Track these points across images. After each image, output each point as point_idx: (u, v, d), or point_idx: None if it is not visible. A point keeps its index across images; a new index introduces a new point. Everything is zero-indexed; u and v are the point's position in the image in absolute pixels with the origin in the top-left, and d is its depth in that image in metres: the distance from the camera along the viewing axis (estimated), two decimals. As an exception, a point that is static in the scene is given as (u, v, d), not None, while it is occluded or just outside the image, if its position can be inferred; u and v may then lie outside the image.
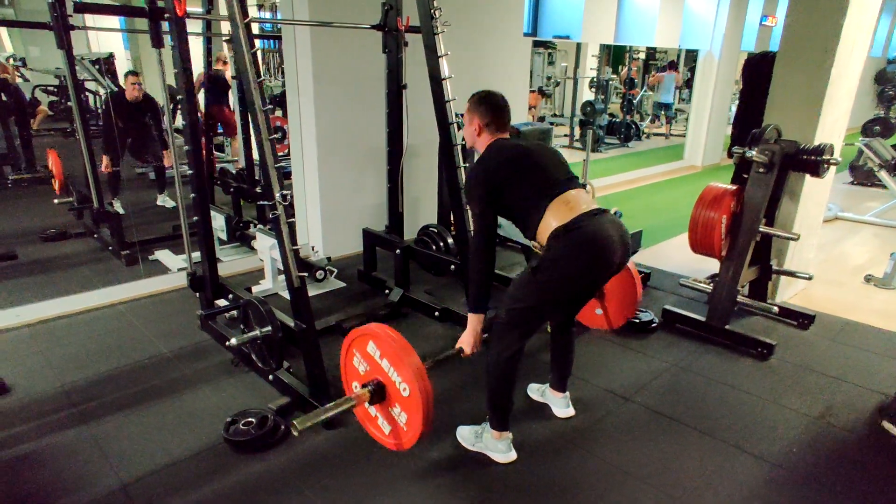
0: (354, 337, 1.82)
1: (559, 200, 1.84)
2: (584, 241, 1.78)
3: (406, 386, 1.68)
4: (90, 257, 4.01)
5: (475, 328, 1.99)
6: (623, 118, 9.93)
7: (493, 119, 1.99)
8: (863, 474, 2.02)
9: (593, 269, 1.83)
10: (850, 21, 2.87)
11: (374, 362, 1.77)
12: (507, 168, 1.89)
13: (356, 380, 1.86)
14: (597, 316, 2.63)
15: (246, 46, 2.08)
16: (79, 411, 2.28)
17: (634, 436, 2.22)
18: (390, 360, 1.72)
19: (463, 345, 2.01)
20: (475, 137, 2.03)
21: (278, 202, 2.17)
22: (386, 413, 1.80)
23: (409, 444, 1.75)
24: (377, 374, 1.77)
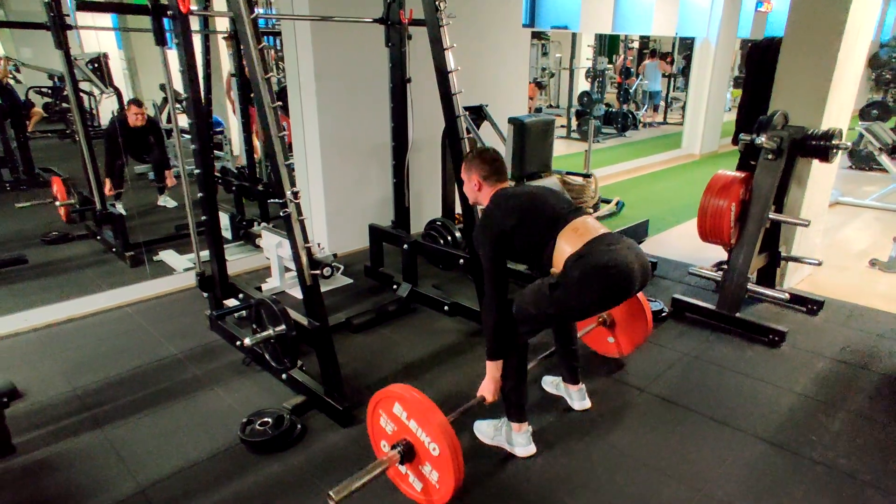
0: (380, 399, 1.84)
1: (568, 229, 1.86)
2: (603, 268, 1.77)
3: (435, 445, 1.70)
4: (94, 259, 3.97)
5: (494, 376, 2.00)
6: (619, 108, 9.92)
7: (491, 171, 2.03)
8: (883, 461, 2.03)
9: (612, 295, 1.85)
10: (857, 5, 2.85)
11: (400, 423, 1.79)
12: (514, 214, 1.91)
13: (385, 439, 1.88)
14: (609, 344, 2.67)
15: (253, 43, 2.05)
16: (92, 415, 2.26)
17: (652, 427, 2.21)
18: (417, 420, 1.74)
19: (485, 393, 2.02)
20: (476, 193, 2.07)
21: (290, 200, 2.15)
22: (417, 471, 1.81)
23: (442, 502, 1.75)
24: (405, 434, 1.79)
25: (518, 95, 5.04)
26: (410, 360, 2.71)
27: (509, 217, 1.91)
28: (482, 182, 2.04)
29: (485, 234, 1.93)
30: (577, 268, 1.78)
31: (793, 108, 3.02)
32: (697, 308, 3.07)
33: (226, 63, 5.54)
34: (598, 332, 2.66)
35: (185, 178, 2.57)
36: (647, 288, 3.42)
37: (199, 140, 2.43)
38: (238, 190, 4.54)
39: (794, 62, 3.06)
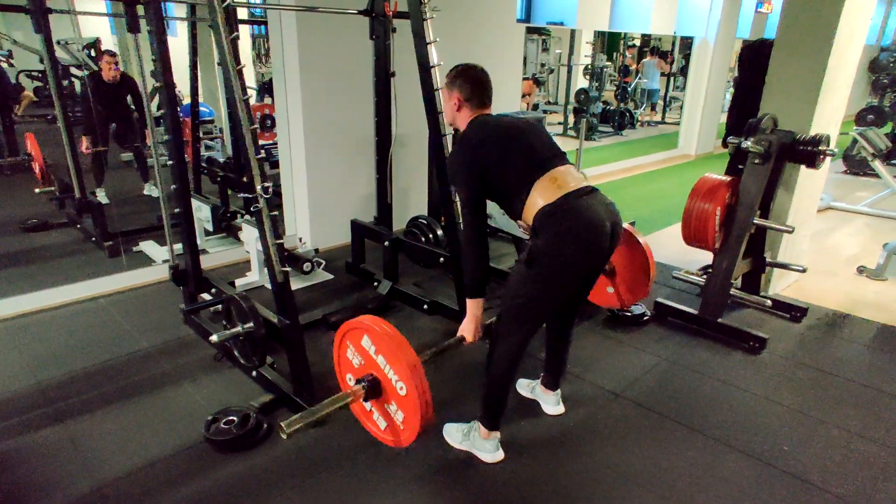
0: (348, 329, 1.75)
1: (547, 178, 1.75)
2: (572, 225, 1.70)
3: (403, 385, 1.62)
4: (72, 248, 3.91)
5: (475, 314, 1.89)
6: (617, 106, 9.85)
7: (474, 93, 1.87)
8: (854, 473, 2.00)
9: (584, 255, 1.75)
10: (849, 7, 2.80)
11: (368, 357, 1.70)
12: (490, 147, 1.78)
13: (350, 372, 1.79)
14: (609, 294, 2.56)
15: (225, 32, 1.99)
16: (54, 410, 2.21)
17: (624, 433, 2.18)
18: (385, 356, 1.65)
19: (464, 333, 1.92)
20: (455, 113, 1.92)
21: (260, 194, 2.10)
22: (382, 409, 1.74)
23: (407, 442, 1.70)
24: (372, 368, 1.70)
25: (510, 91, 4.97)
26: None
27: (485, 151, 1.78)
28: (462, 103, 1.88)
29: (459, 165, 1.81)
30: (546, 230, 1.71)
31: (782, 112, 2.98)
32: (679, 312, 3.04)
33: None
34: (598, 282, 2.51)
35: (157, 170, 2.51)
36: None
37: (172, 131, 2.37)
38: (223, 181, 4.47)
39: (784, 66, 3.01)
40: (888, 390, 2.48)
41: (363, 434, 2.12)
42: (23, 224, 4.14)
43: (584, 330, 2.95)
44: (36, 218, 4.21)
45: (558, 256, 1.72)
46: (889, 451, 2.11)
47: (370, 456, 2.02)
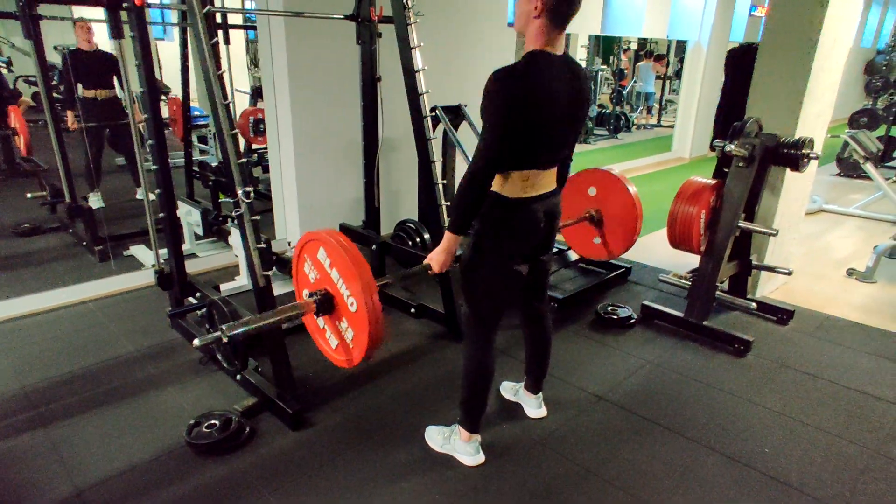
0: (306, 241, 1.70)
1: (526, 174, 1.73)
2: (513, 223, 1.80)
3: (354, 301, 1.57)
4: (63, 253, 3.93)
5: (449, 248, 1.78)
6: (613, 109, 9.88)
7: (563, 7, 1.58)
8: (834, 475, 2.00)
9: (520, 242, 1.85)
10: (832, 13, 2.82)
11: (323, 271, 1.64)
12: (530, 106, 1.59)
13: (306, 287, 1.75)
14: (594, 245, 2.50)
15: (205, 37, 2.01)
16: (38, 414, 2.22)
17: (606, 436, 2.19)
18: (340, 272, 1.59)
19: (431, 262, 1.82)
20: (529, 20, 1.61)
21: (241, 199, 2.11)
22: (334, 326, 1.70)
23: (357, 361, 1.69)
24: (326, 283, 1.65)
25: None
26: (373, 361, 2.67)
27: (531, 95, 1.58)
28: (543, 11, 1.58)
29: (497, 96, 1.57)
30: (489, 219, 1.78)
31: (767, 115, 2.99)
32: (666, 315, 3.05)
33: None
34: (584, 231, 2.43)
35: (143, 174, 2.53)
36: (618, 293, 3.43)
37: (156, 135, 2.39)
38: (214, 185, 4.49)
39: (769, 70, 3.02)
40: (871, 392, 2.49)
41: (344, 438, 2.14)
42: (15, 228, 4.15)
43: (570, 333, 2.95)
44: (28, 222, 4.23)
45: (494, 240, 1.80)
46: (870, 452, 2.11)
47: (350, 459, 2.02)
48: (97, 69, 4.39)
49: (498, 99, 1.58)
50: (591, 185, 3.10)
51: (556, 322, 3.04)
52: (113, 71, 4.43)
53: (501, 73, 1.58)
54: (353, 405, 2.34)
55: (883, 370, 2.67)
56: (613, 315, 3.05)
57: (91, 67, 4.36)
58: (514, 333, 2.75)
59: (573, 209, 3.08)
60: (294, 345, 2.72)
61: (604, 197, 2.97)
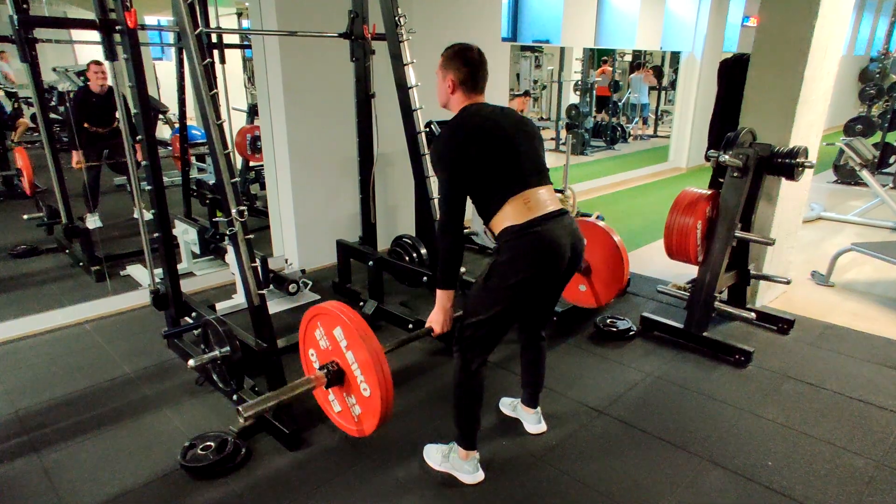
0: (315, 314, 1.72)
1: (521, 197, 1.75)
2: (531, 249, 1.73)
3: (364, 379, 1.60)
4: (60, 274, 3.92)
5: (444, 306, 1.85)
6: (609, 120, 9.92)
7: (469, 76, 1.81)
8: (838, 488, 1.97)
9: (540, 276, 1.78)
10: (822, 23, 2.84)
11: (333, 341, 1.67)
12: (478, 141, 1.73)
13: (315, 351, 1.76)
14: (581, 293, 2.52)
15: (197, 58, 2.02)
16: (30, 438, 2.19)
17: (606, 451, 2.16)
18: (349, 344, 1.62)
19: (433, 324, 1.88)
20: (448, 95, 1.85)
21: (235, 218, 2.11)
22: (344, 398, 1.71)
23: (368, 432, 1.69)
24: (336, 355, 1.67)
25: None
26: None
27: (474, 139, 1.73)
28: (456, 85, 1.82)
29: (445, 152, 1.75)
30: (507, 250, 1.74)
31: (761, 125, 3.00)
32: (665, 326, 3.02)
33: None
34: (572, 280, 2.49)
35: (137, 196, 2.53)
36: (617, 305, 3.41)
37: (150, 157, 2.39)
38: (211, 203, 4.49)
39: (761, 80, 3.04)
40: (875, 402, 2.46)
41: (341, 457, 2.11)
42: (11, 250, 4.15)
43: (569, 346, 2.93)
44: (25, 244, 4.23)
45: (514, 275, 1.75)
46: (875, 464, 2.08)
47: (348, 479, 1.99)
48: (105, 110, 4.48)
49: (445, 153, 1.75)
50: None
51: (556, 335, 3.02)
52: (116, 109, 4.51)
53: (442, 130, 1.81)
54: (350, 424, 2.31)
55: (885, 379, 2.64)
56: (613, 327, 3.03)
57: (99, 109, 4.45)
58: (511, 347, 2.73)
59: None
60: (290, 364, 2.70)
61: (591, 247, 2.95)
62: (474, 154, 1.72)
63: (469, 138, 1.74)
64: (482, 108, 1.83)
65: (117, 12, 2.20)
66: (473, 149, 1.73)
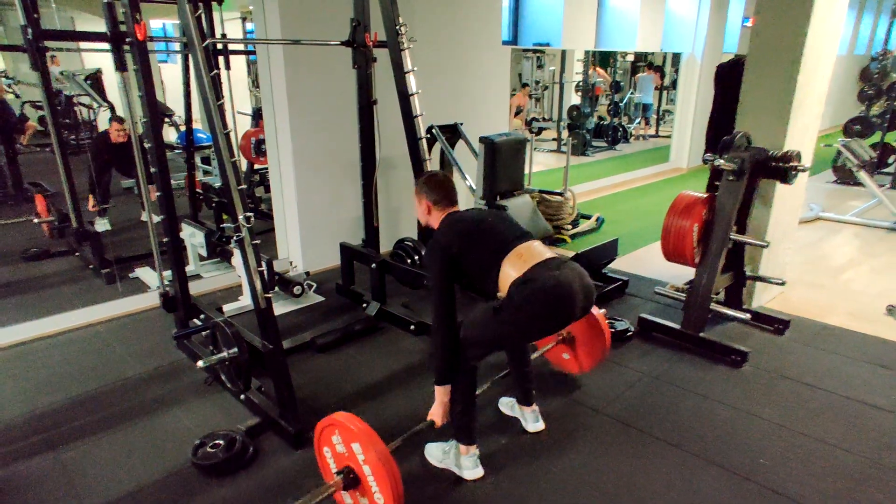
0: (325, 425, 1.85)
1: (513, 254, 1.90)
2: (545, 290, 1.81)
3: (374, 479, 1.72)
4: (71, 276, 4.00)
5: (443, 400, 2.02)
6: (610, 121, 9.96)
7: (440, 196, 2.06)
8: (831, 485, 2.02)
9: (554, 316, 1.88)
10: (815, 29, 2.89)
11: (348, 448, 1.80)
12: (462, 239, 1.95)
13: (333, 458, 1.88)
14: (564, 360, 2.67)
15: (205, 69, 2.09)
16: (48, 437, 2.27)
17: (604, 450, 2.22)
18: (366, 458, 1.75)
19: (434, 417, 2.04)
20: (427, 216, 2.10)
21: (242, 224, 2.18)
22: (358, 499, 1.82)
23: None
24: (350, 461, 1.80)
25: (498, 114, 5.08)
26: (371, 380, 2.72)
27: (457, 241, 1.95)
28: (431, 206, 2.08)
29: (433, 257, 1.97)
30: (521, 292, 1.82)
31: (756, 129, 3.05)
32: (663, 327, 3.08)
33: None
34: (556, 349, 2.65)
35: (146, 198, 2.60)
36: (616, 306, 3.47)
37: (159, 164, 2.46)
38: (218, 206, 4.57)
39: (756, 84, 3.09)
40: (869, 401, 2.51)
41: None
42: (23, 253, 4.23)
43: (569, 347, 2.99)
44: (36, 247, 4.31)
45: (527, 314, 1.84)
46: (867, 461, 2.13)
47: (352, 477, 2.06)
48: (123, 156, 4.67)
49: (433, 256, 1.96)
50: None
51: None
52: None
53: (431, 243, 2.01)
54: (354, 423, 2.37)
55: (879, 378, 2.69)
56: (611, 328, 3.08)
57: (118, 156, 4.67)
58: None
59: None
60: (296, 365, 2.77)
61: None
62: (461, 247, 1.93)
63: (453, 237, 1.96)
64: (456, 214, 2.07)
65: (127, 25, 2.27)
66: (459, 243, 1.93)
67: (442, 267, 1.94)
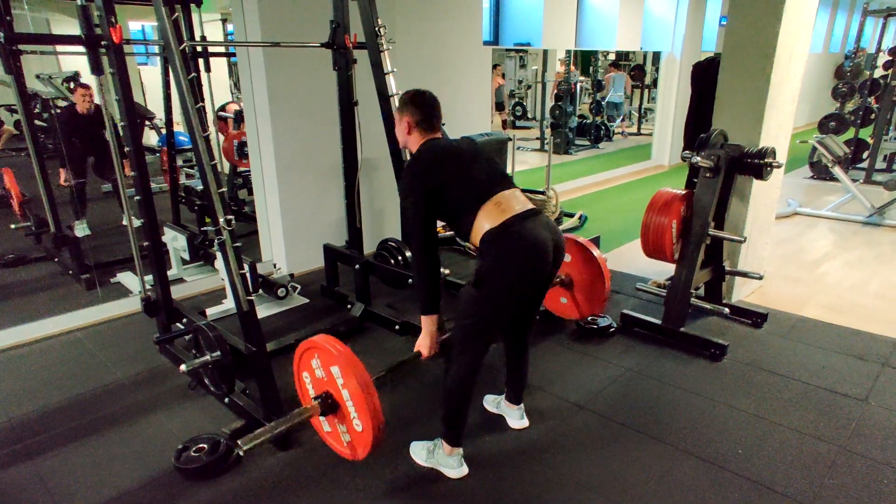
0: (305, 348, 1.81)
1: (491, 202, 1.85)
2: (516, 247, 1.81)
3: (357, 415, 1.69)
4: (50, 282, 3.94)
5: (430, 330, 1.96)
6: (593, 119, 10.06)
7: (424, 117, 1.97)
8: (802, 472, 2.08)
9: (529, 273, 1.86)
10: (787, 29, 2.96)
11: (327, 373, 1.76)
12: (439, 169, 1.89)
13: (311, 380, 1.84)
14: (563, 305, 2.61)
15: (182, 73, 2.08)
16: (24, 447, 2.24)
17: (586, 445, 2.25)
18: (345, 382, 1.71)
19: (420, 348, 1.99)
20: (406, 136, 2.02)
21: (223, 227, 2.17)
22: (338, 425, 1.80)
23: (361, 457, 1.78)
24: (329, 386, 1.76)
25: (480, 113, 5.11)
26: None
27: (435, 169, 1.88)
28: (413, 127, 1.98)
29: (412, 184, 1.89)
30: (491, 252, 1.82)
31: (732, 126, 3.11)
32: (644, 323, 3.13)
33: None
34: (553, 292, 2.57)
35: (125, 202, 2.58)
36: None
37: (138, 167, 2.45)
38: (200, 209, 4.53)
39: (731, 83, 3.15)
40: (840, 391, 2.58)
41: (331, 455, 2.18)
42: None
43: (551, 343, 3.02)
44: (13, 253, 4.24)
45: (503, 277, 1.82)
46: (838, 449, 2.20)
47: (338, 476, 2.07)
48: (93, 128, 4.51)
49: (408, 184, 1.91)
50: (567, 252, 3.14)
51: (538, 333, 3.11)
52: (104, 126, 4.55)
53: (408, 166, 1.95)
54: (339, 424, 2.38)
55: (851, 368, 2.77)
56: (594, 325, 3.13)
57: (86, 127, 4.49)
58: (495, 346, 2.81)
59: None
60: (279, 367, 2.76)
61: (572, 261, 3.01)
62: (438, 178, 1.88)
63: (430, 165, 1.90)
64: (437, 142, 1.99)
65: (102, 28, 2.25)
66: (436, 173, 1.88)
67: (421, 194, 1.86)
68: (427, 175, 1.88)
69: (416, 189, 1.88)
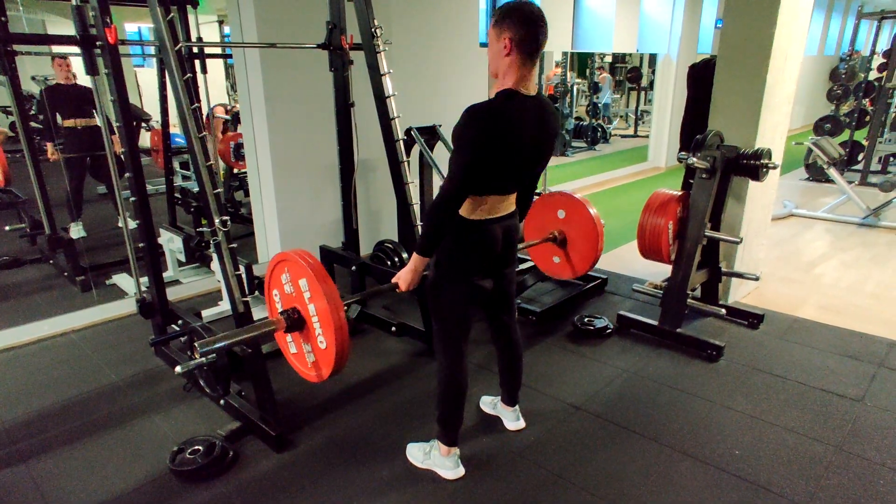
0: (277, 262, 1.76)
1: (493, 199, 1.86)
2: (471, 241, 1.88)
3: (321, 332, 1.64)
4: (45, 284, 3.93)
5: (416, 268, 1.84)
6: (590, 121, 10.08)
7: (528, 34, 1.63)
8: (799, 472, 2.08)
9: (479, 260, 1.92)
10: (781, 31, 2.97)
11: (298, 290, 1.70)
12: (502, 140, 1.67)
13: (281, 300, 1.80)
14: (555, 264, 2.58)
15: (178, 74, 2.07)
16: (17, 450, 2.22)
17: (582, 445, 2.25)
18: (312, 296, 1.65)
19: (399, 280, 1.88)
20: (501, 59, 1.67)
21: (218, 228, 2.17)
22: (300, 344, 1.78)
23: (324, 377, 1.78)
24: (298, 303, 1.71)
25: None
26: (353, 382, 2.72)
27: (496, 140, 1.67)
28: (513, 46, 1.64)
29: (475, 126, 1.64)
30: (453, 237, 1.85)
31: (728, 128, 3.12)
32: (641, 324, 3.13)
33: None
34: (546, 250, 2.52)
35: (121, 203, 2.57)
36: (595, 304, 3.52)
37: (133, 168, 2.44)
38: (196, 211, 4.53)
39: (727, 84, 3.16)
40: (836, 391, 2.58)
41: (327, 457, 2.18)
42: (-6, 262, 4.14)
43: (548, 345, 3.02)
44: (7, 255, 4.22)
45: (458, 260, 1.89)
46: (834, 449, 2.20)
47: (334, 479, 2.06)
48: (76, 100, 4.42)
49: (471, 132, 1.65)
50: (560, 207, 3.15)
51: (535, 334, 3.12)
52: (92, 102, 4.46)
53: (477, 108, 1.65)
54: (335, 425, 2.38)
55: (846, 369, 2.77)
56: (590, 326, 3.13)
57: (70, 99, 4.40)
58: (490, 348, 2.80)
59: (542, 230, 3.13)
60: (275, 368, 2.75)
61: (567, 218, 3.04)
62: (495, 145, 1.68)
63: (496, 134, 1.67)
64: (525, 104, 1.71)
65: (97, 28, 2.24)
66: (496, 142, 1.67)
67: (476, 143, 1.64)
68: (491, 127, 1.65)
69: (475, 137, 1.65)
